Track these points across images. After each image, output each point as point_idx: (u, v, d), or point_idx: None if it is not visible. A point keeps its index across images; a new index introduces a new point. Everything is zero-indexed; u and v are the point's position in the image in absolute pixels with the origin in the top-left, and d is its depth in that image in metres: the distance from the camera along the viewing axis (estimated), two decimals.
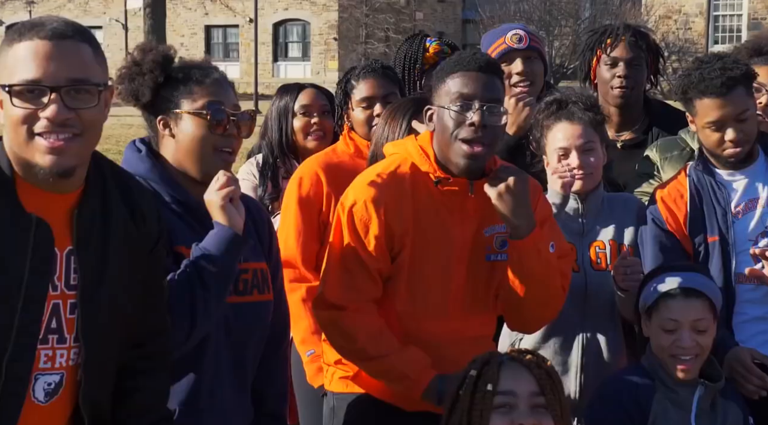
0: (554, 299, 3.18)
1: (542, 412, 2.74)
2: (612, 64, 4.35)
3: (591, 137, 3.53)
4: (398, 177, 3.09)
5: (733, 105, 3.44)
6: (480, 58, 3.08)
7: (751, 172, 3.57)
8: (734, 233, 3.51)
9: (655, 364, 3.26)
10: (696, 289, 3.24)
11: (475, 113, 2.99)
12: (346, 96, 4.11)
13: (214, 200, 2.75)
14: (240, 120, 2.86)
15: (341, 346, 3.13)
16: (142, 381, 2.58)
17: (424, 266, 3.08)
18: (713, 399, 3.25)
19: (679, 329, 3.20)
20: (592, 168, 3.52)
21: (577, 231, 3.55)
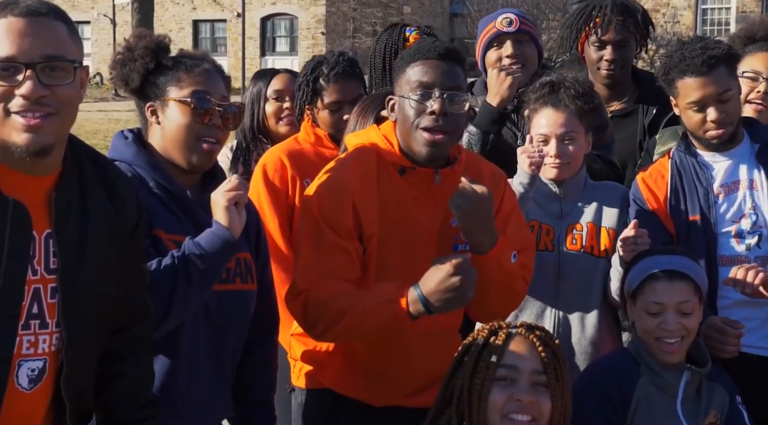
0: (516, 295, 3.19)
1: (542, 390, 2.75)
2: (600, 46, 4.37)
3: (574, 127, 3.53)
4: (363, 167, 3.06)
5: (715, 84, 3.43)
6: (439, 46, 3.05)
7: (734, 154, 3.56)
8: (716, 214, 3.50)
9: (640, 348, 3.25)
10: (680, 271, 3.23)
11: (436, 101, 2.96)
12: (314, 94, 4.10)
13: (219, 201, 2.75)
14: (226, 111, 2.88)
15: (317, 322, 2.99)
16: (125, 367, 2.57)
17: (390, 256, 3.03)
18: (699, 384, 3.24)
19: (663, 312, 3.19)
20: (569, 158, 3.53)
21: (556, 214, 3.58)
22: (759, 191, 3.52)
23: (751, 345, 3.45)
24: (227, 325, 2.96)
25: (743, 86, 3.87)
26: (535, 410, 2.73)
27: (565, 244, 3.55)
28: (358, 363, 3.13)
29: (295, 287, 3.03)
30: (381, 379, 3.12)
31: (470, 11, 36.52)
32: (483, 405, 2.73)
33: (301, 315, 3.04)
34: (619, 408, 3.15)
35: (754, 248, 3.48)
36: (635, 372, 3.20)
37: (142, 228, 2.58)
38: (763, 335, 3.46)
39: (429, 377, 3.12)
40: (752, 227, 3.49)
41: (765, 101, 3.90)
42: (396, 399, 3.14)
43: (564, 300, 3.54)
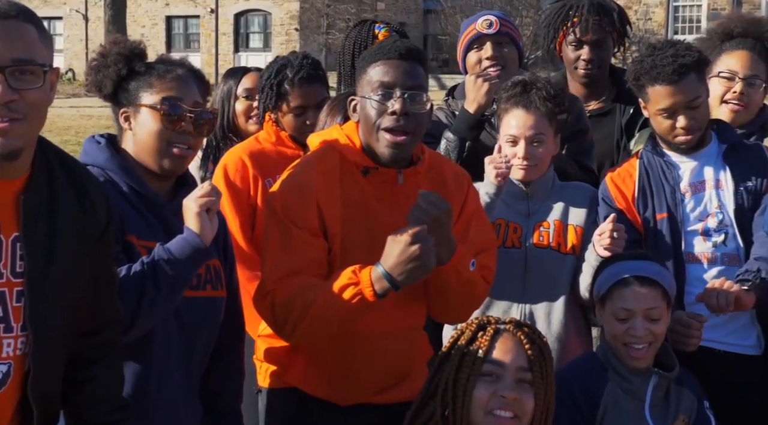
0: (477, 299, 3.19)
1: (526, 388, 2.76)
2: (577, 45, 4.39)
3: (543, 129, 3.54)
4: (326, 166, 3.05)
5: (685, 93, 3.46)
6: (400, 45, 3.03)
7: (701, 156, 3.60)
8: (683, 212, 3.54)
9: (608, 353, 3.26)
10: (649, 277, 3.24)
11: (397, 101, 2.95)
12: (279, 98, 4.09)
13: (191, 207, 2.74)
14: (199, 118, 2.87)
15: (285, 320, 2.98)
16: (96, 370, 2.56)
17: (354, 256, 3.01)
18: (667, 388, 3.25)
19: (632, 317, 3.20)
20: (537, 160, 3.55)
21: (523, 213, 3.60)
22: (725, 191, 3.55)
23: (716, 341, 3.50)
24: (198, 331, 2.96)
25: (719, 86, 3.91)
26: (517, 407, 2.74)
27: (532, 240, 3.57)
28: (322, 363, 3.12)
29: (262, 288, 3.02)
30: (346, 379, 3.11)
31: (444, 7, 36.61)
32: (467, 399, 2.75)
33: (270, 316, 3.02)
34: (587, 413, 3.16)
35: (720, 245, 3.52)
36: (603, 377, 3.21)
37: (112, 231, 2.56)
38: (728, 331, 3.49)
39: (395, 375, 3.14)
40: (718, 226, 3.53)
41: (741, 102, 3.91)
42: (362, 397, 3.14)
43: (530, 297, 3.56)
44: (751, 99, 3.92)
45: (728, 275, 3.45)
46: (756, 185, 3.55)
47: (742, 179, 3.55)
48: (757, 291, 3.32)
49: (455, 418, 2.76)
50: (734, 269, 3.48)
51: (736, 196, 3.53)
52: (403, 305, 3.07)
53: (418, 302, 3.13)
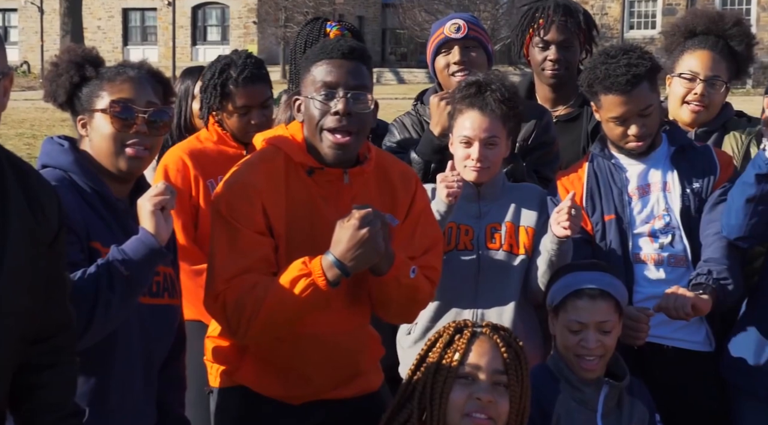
0: (420, 302, 3.16)
1: (501, 391, 2.78)
2: (543, 46, 4.39)
3: (497, 132, 3.54)
4: (271, 167, 3.03)
5: (637, 102, 3.51)
6: (343, 45, 3.01)
7: (650, 158, 3.64)
8: (630, 214, 3.59)
9: (560, 363, 3.28)
10: (602, 290, 3.27)
11: (340, 100, 2.93)
12: (223, 98, 4.08)
13: (146, 206, 2.73)
14: (153, 117, 2.85)
15: (239, 321, 2.95)
16: (47, 377, 2.51)
17: (299, 256, 2.97)
18: (619, 398, 3.27)
19: (584, 330, 3.22)
20: (490, 162, 3.55)
21: (474, 214, 3.59)
22: (671, 193, 3.59)
23: (666, 337, 3.54)
24: (158, 339, 2.96)
25: (681, 87, 3.93)
26: (492, 410, 2.76)
27: (485, 244, 3.57)
28: (271, 364, 3.11)
29: (212, 290, 2.98)
30: (296, 379, 3.10)
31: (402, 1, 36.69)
32: (444, 402, 2.76)
33: (222, 317, 3.00)
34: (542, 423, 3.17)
35: (666, 247, 3.56)
36: (554, 389, 3.23)
37: (64, 237, 2.52)
38: (677, 327, 3.52)
39: (345, 373, 3.13)
40: (665, 228, 3.56)
41: (702, 102, 3.92)
42: (314, 395, 3.13)
43: (483, 299, 3.55)
44: (712, 100, 3.93)
45: (675, 276, 3.52)
46: (702, 187, 3.59)
47: (689, 181, 3.59)
48: (713, 295, 3.36)
49: (432, 421, 2.77)
50: (680, 271, 3.53)
51: (682, 198, 3.57)
52: (351, 306, 3.06)
53: (363, 300, 3.11)
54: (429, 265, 3.11)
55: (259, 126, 4.04)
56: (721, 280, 3.39)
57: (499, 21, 36.97)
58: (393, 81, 38.29)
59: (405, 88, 32.45)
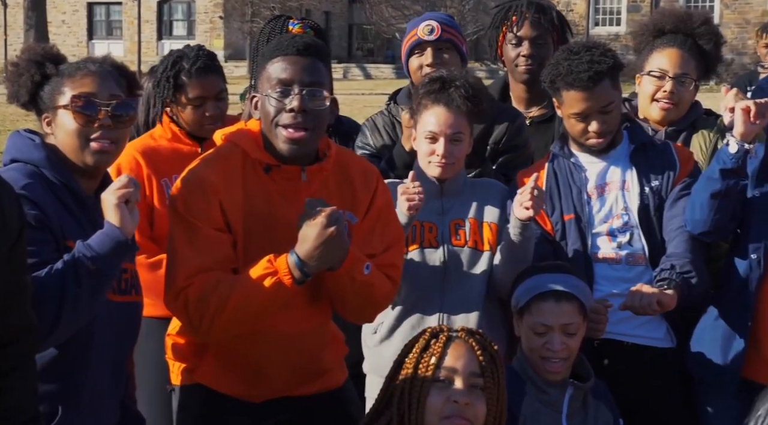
0: (379, 301, 3.13)
1: (478, 394, 2.79)
2: (516, 43, 4.41)
3: (462, 128, 3.54)
4: (228, 164, 3.02)
5: (598, 99, 3.53)
6: (299, 41, 3.00)
7: (610, 156, 3.66)
8: (589, 213, 3.61)
9: (525, 365, 3.29)
10: (567, 292, 3.28)
11: (295, 98, 2.92)
12: (176, 90, 4.06)
13: (110, 199, 2.71)
14: (117, 111, 2.84)
15: (201, 318, 2.94)
16: (8, 382, 2.46)
17: (259, 254, 2.97)
18: (584, 399, 3.29)
19: (549, 332, 3.24)
20: (455, 158, 3.55)
21: (437, 211, 3.59)
22: (630, 192, 3.62)
23: (626, 334, 3.56)
24: (126, 337, 2.96)
25: (650, 85, 3.95)
26: (470, 412, 2.77)
27: (451, 240, 3.57)
28: (231, 362, 3.10)
29: (173, 288, 2.97)
30: (256, 378, 3.09)
31: None
32: (421, 406, 2.77)
33: (183, 314, 2.99)
34: None
35: (624, 246, 3.58)
36: (521, 390, 3.23)
37: (25, 240, 2.46)
38: (637, 324, 3.55)
39: (307, 372, 3.13)
40: (623, 227, 3.58)
41: (671, 100, 3.93)
42: (275, 393, 3.12)
43: (450, 295, 3.55)
44: (682, 97, 3.94)
45: (633, 275, 3.53)
46: (661, 185, 3.61)
47: (647, 179, 3.61)
48: (678, 289, 3.38)
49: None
50: (639, 269, 3.56)
51: (641, 196, 3.59)
52: (311, 302, 3.04)
53: (324, 298, 3.09)
54: (389, 263, 3.10)
55: (214, 118, 4.05)
56: (685, 274, 3.42)
57: (465, 17, 37.02)
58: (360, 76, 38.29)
59: (371, 84, 32.45)
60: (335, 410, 3.22)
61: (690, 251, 3.48)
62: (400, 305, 3.56)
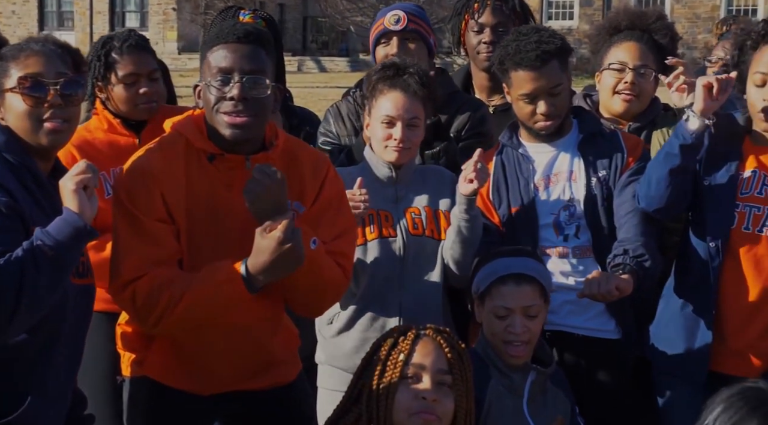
0: (329, 284, 3.07)
1: (446, 391, 2.82)
2: (478, 30, 4.43)
3: (418, 113, 3.56)
4: (171, 154, 3.01)
5: (547, 79, 3.56)
6: (239, 29, 2.97)
7: (559, 144, 3.69)
8: (536, 205, 3.62)
9: (488, 350, 3.29)
10: (527, 275, 3.30)
11: (235, 86, 2.91)
12: (107, 69, 4.02)
13: (68, 185, 2.69)
14: (66, 89, 2.81)
15: (150, 314, 2.95)
16: None
17: (204, 244, 2.98)
18: (543, 385, 3.31)
19: (510, 315, 3.25)
20: (411, 143, 3.57)
21: (392, 198, 3.60)
22: (577, 182, 3.63)
23: (577, 327, 3.60)
24: (84, 321, 2.95)
25: (610, 78, 3.98)
26: (438, 409, 2.79)
27: (409, 229, 3.58)
28: (179, 355, 3.09)
29: (119, 279, 2.96)
30: (204, 371, 3.09)
31: None
32: (390, 403, 2.79)
33: (130, 308, 2.99)
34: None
35: (572, 238, 3.60)
36: (486, 374, 3.24)
37: None
38: (589, 316, 3.59)
39: (256, 365, 3.12)
40: (570, 219, 3.61)
41: (633, 91, 3.96)
42: (223, 386, 3.11)
43: (409, 284, 3.56)
44: (643, 88, 3.98)
45: (581, 267, 3.56)
46: (609, 175, 3.63)
47: (594, 169, 3.63)
48: (633, 273, 3.39)
49: (379, 421, 2.80)
50: (586, 262, 3.58)
51: (587, 187, 3.61)
52: (261, 296, 3.00)
53: (275, 291, 3.06)
54: (338, 251, 3.07)
55: (148, 96, 4.00)
56: (638, 257, 3.43)
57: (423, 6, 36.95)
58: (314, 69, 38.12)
59: (326, 77, 32.33)
60: (286, 406, 3.21)
61: (642, 234, 3.50)
62: (360, 296, 3.55)
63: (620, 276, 3.37)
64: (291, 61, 34.15)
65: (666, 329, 3.57)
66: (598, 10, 36.87)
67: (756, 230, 3.39)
